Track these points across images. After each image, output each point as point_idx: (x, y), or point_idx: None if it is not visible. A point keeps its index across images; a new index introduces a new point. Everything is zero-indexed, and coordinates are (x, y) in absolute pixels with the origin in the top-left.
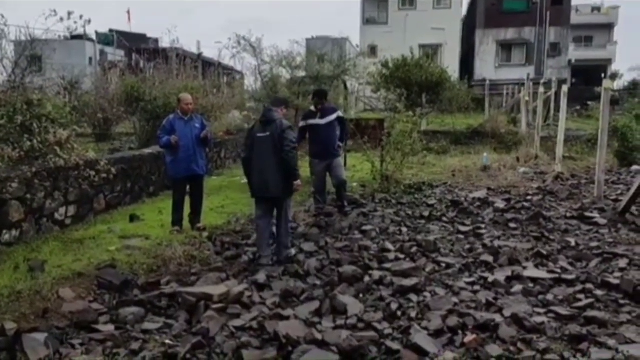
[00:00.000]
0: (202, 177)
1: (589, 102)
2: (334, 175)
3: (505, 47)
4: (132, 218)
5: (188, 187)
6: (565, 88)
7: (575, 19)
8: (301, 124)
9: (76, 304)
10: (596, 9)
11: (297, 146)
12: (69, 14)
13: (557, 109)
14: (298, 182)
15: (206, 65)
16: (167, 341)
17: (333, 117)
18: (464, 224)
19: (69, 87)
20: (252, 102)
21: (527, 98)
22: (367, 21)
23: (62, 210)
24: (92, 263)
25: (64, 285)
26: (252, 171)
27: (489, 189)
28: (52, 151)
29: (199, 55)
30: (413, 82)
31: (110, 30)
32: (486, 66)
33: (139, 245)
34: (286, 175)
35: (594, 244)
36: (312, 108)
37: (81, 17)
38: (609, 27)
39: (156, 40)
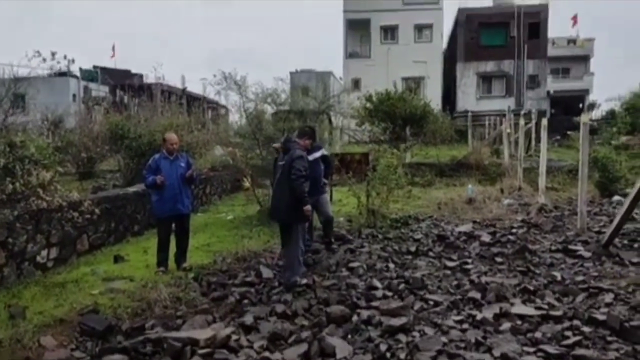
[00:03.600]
0: (188, 216)
1: (569, 132)
2: (321, 212)
3: (486, 79)
4: (116, 259)
5: (173, 225)
6: (545, 121)
7: (552, 51)
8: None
9: (58, 352)
10: (572, 41)
11: (304, 174)
12: (53, 54)
13: (538, 139)
14: (307, 207)
15: (191, 99)
16: None
17: (318, 154)
18: (450, 259)
19: (52, 128)
20: (237, 138)
21: (508, 130)
22: (350, 55)
23: (44, 252)
24: (75, 308)
25: (46, 333)
26: (272, 196)
27: (474, 222)
28: (34, 193)
29: (184, 90)
30: (397, 116)
31: (95, 67)
32: (468, 98)
33: (123, 287)
34: (295, 202)
35: (579, 278)
36: None
37: (65, 57)
38: (585, 59)
39: (141, 76)
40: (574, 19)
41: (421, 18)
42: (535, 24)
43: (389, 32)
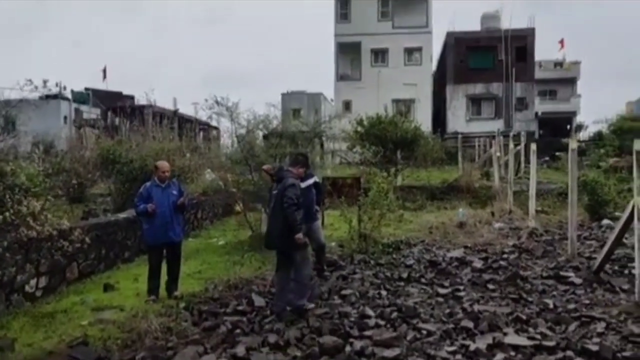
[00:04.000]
0: (179, 243)
1: (557, 153)
2: (313, 239)
3: (475, 102)
4: (106, 287)
5: (165, 252)
6: (534, 146)
7: (539, 74)
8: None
9: None
10: (559, 64)
11: (296, 203)
12: (45, 82)
13: (528, 160)
14: (299, 235)
15: (183, 121)
16: None
17: (310, 181)
18: (442, 286)
19: (43, 155)
20: (229, 163)
21: (498, 154)
22: (341, 77)
23: (33, 282)
24: (64, 340)
25: None
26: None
27: (465, 247)
28: (24, 223)
29: (175, 112)
30: (388, 140)
31: (86, 89)
32: (457, 120)
33: (113, 317)
34: (288, 231)
35: (571, 305)
36: None
37: (57, 84)
38: (571, 82)
39: (132, 98)
40: (561, 42)
41: (411, 41)
42: (522, 47)
43: (379, 55)
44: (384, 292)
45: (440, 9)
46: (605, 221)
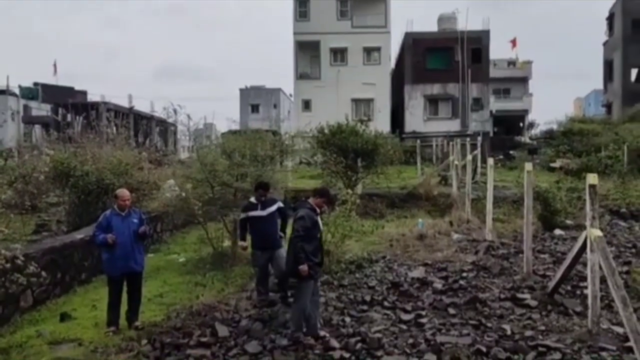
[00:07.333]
0: (141, 273)
1: (511, 152)
2: (276, 266)
3: (433, 102)
4: (63, 317)
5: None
6: (491, 161)
7: (493, 72)
8: (242, 215)
9: None
10: (512, 63)
11: (302, 235)
12: None
13: (484, 160)
14: (302, 267)
15: (139, 117)
16: None
17: (274, 207)
18: (405, 310)
19: None
20: (189, 185)
21: (457, 162)
22: (300, 76)
23: None
24: None
25: None
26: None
27: (426, 264)
28: None
29: (131, 109)
30: (349, 149)
31: (35, 84)
32: (415, 119)
33: (71, 354)
34: (296, 260)
35: (528, 332)
36: (253, 199)
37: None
38: (524, 80)
39: (84, 93)
40: (513, 42)
41: (369, 41)
42: (477, 49)
43: (339, 54)
44: (347, 319)
45: (398, 9)
46: (557, 231)
